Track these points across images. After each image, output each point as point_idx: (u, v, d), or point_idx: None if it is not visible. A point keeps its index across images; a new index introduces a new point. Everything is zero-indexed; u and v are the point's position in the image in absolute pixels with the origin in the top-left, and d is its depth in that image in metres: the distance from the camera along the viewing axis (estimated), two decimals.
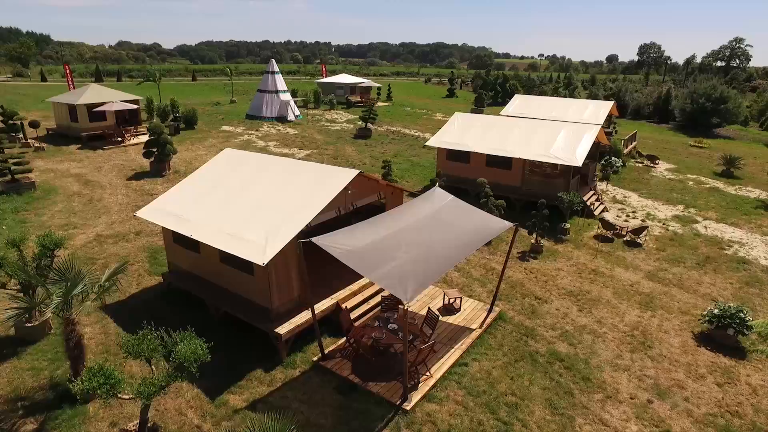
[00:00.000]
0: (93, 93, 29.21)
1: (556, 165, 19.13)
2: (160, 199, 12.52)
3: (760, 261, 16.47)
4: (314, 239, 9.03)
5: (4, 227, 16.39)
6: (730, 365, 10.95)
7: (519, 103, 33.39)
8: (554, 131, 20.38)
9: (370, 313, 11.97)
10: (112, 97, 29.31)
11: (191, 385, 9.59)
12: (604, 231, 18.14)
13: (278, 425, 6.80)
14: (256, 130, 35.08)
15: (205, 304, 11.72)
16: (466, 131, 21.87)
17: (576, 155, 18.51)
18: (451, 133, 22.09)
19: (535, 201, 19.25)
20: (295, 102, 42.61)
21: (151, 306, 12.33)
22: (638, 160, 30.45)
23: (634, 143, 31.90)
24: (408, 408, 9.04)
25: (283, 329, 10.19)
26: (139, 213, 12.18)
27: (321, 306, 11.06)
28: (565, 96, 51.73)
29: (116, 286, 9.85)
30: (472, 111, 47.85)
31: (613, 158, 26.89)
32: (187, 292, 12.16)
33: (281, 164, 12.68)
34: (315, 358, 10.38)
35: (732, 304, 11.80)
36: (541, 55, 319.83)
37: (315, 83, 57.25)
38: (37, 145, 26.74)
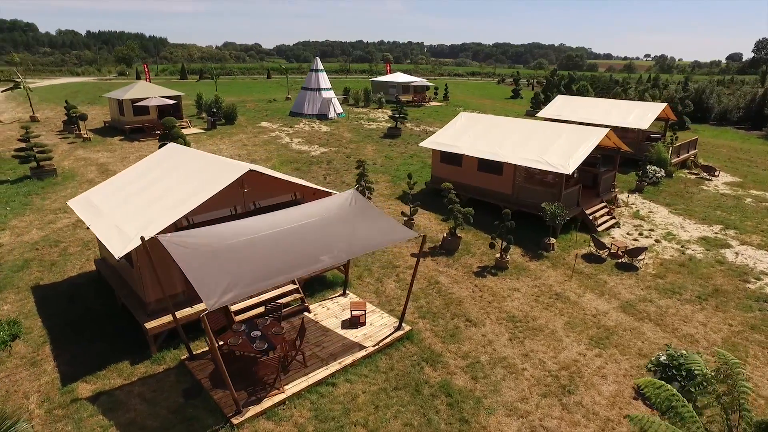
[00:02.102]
0: (139, 89, 31.67)
1: (549, 172, 16.98)
2: (93, 189, 12.96)
3: None
4: (159, 236, 8.66)
5: (8, 208, 18.17)
6: None
7: (559, 104, 30.61)
8: (556, 134, 18.16)
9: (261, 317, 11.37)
10: (155, 94, 31.52)
11: (56, 368, 9.74)
12: (595, 250, 15.77)
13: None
14: (290, 127, 35.80)
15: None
16: (464, 132, 20.28)
17: (569, 162, 16.28)
18: (448, 134, 20.62)
19: (528, 211, 17.45)
20: (344, 100, 42.92)
21: (80, 290, 12.83)
22: (693, 171, 26.32)
23: (691, 151, 27.63)
24: (236, 422, 8.36)
25: (150, 324, 9.99)
26: (69, 202, 12.70)
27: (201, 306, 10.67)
28: (633, 98, 46.54)
29: None
30: (527, 113, 44.89)
31: (652, 167, 23.50)
32: None
33: (201, 160, 12.48)
34: (183, 357, 10.06)
35: (685, 351, 9.49)
36: (647, 55, 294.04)
37: (370, 82, 57.36)
38: (85, 135, 29.57)
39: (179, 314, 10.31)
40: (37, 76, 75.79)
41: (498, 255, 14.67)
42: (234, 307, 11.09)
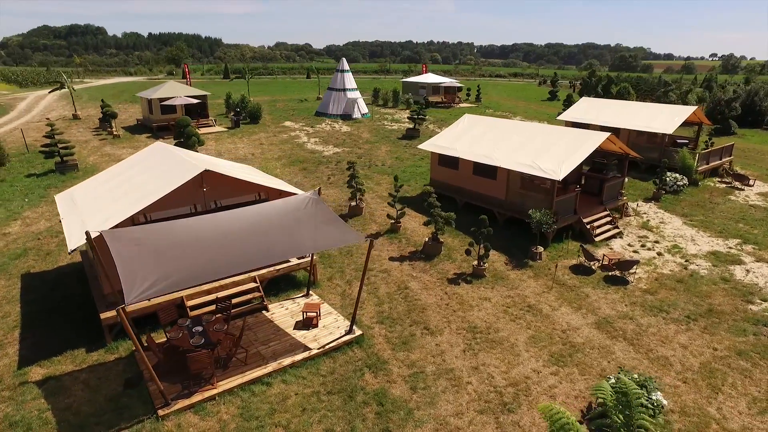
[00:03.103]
0: (167, 89, 33.15)
1: (541, 177, 16.24)
2: (79, 185, 13.66)
3: None
4: (104, 231, 8.99)
5: (26, 199, 19.52)
6: None
7: (583, 106, 29.34)
8: (556, 138, 17.36)
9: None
10: (181, 93, 32.88)
11: (17, 352, 10.34)
12: (585, 261, 14.93)
13: None
14: (311, 127, 36.29)
15: None
16: (464, 135, 19.79)
17: (561, 167, 15.49)
18: (448, 137, 20.19)
19: (521, 218, 16.83)
20: (374, 101, 43.04)
21: (64, 279, 13.57)
22: (725, 179, 24.38)
23: (725, 158, 25.60)
24: (161, 414, 8.56)
25: (105, 314, 10.42)
26: (57, 196, 13.43)
27: (163, 299, 10.99)
28: (676, 101, 43.77)
29: None
30: (558, 116, 43.20)
31: (672, 175, 22.01)
32: None
33: (173, 160, 12.81)
34: (134, 348, 10.41)
35: (637, 376, 8.77)
36: (713, 55, 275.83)
37: (400, 82, 57.18)
38: (115, 132, 31.29)
39: (137, 306, 10.68)
40: (94, 76, 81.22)
41: (475, 262, 14.19)
42: (190, 303, 11.35)
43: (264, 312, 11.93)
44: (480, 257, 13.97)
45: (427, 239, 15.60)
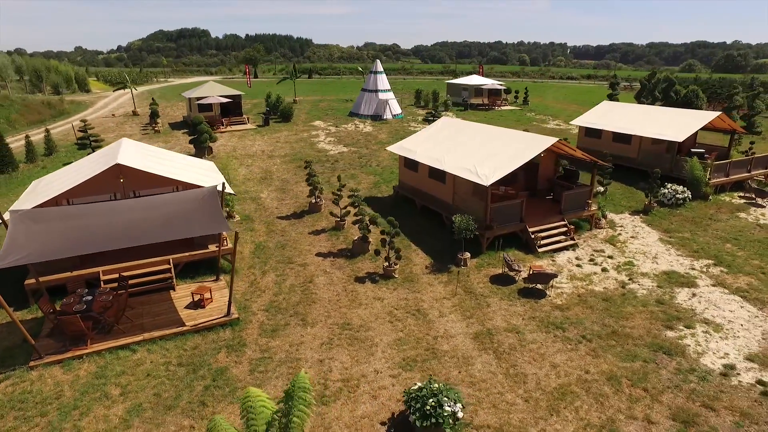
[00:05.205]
0: (205, 89, 36.30)
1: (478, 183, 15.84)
2: (49, 174, 15.97)
3: (703, 360, 10.79)
4: (10, 210, 10.77)
5: None
6: None
7: (600, 111, 27.60)
8: (511, 142, 16.82)
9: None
10: (216, 93, 35.83)
11: None
12: (507, 270, 14.44)
13: None
14: (336, 127, 37.60)
15: None
16: (432, 137, 19.75)
17: (495, 173, 15.06)
18: (416, 139, 20.26)
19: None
20: (416, 102, 43.44)
21: None
22: (745, 194, 21.64)
23: (760, 171, 22.63)
24: (31, 365, 10.21)
25: (28, 281, 12.35)
26: (34, 181, 15.84)
27: (77, 273, 12.70)
28: (742, 105, 38.79)
29: None
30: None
31: (672, 186, 20.12)
32: None
33: (110, 152, 14.48)
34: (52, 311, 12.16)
35: (438, 385, 8.67)
36: None
37: (445, 84, 56.67)
38: (157, 128, 34.94)
39: (53, 277, 12.48)
40: (178, 75, 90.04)
41: (386, 264, 14.36)
42: (105, 277, 12.94)
43: (171, 291, 13.23)
44: (387, 258, 14.14)
45: (355, 238, 16.00)
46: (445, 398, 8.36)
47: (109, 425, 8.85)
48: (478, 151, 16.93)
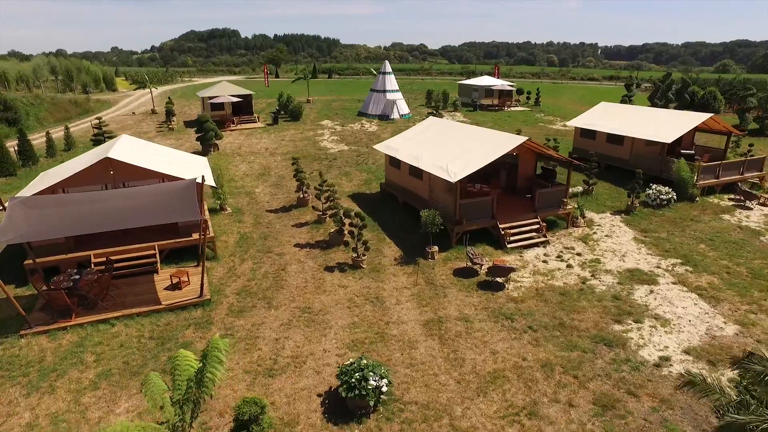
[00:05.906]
0: (218, 89, 37.89)
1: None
2: (56, 167, 17.43)
3: (642, 353, 11.21)
4: (10, 198, 12.09)
5: None
6: None
7: (597, 112, 27.67)
8: (485, 142, 17.39)
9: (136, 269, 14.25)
10: (227, 93, 37.34)
11: None
12: (470, 264, 15.04)
13: None
14: (342, 126, 38.59)
15: None
16: (416, 137, 20.47)
17: (464, 170, 15.67)
18: (401, 138, 21.00)
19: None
20: (427, 102, 44.11)
21: None
22: (735, 196, 21.49)
23: (753, 173, 22.39)
24: (21, 333, 11.50)
25: (27, 261, 13.67)
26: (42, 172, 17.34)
27: (71, 255, 14.00)
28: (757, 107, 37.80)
29: None
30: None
31: (657, 187, 20.25)
32: None
33: (121, 148, 15.76)
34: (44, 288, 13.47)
35: (367, 362, 9.43)
36: None
37: (458, 84, 56.97)
38: (171, 126, 36.69)
39: (49, 258, 13.82)
40: (202, 75, 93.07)
41: (354, 255, 15.18)
42: (96, 260, 14.20)
43: (155, 274, 14.40)
44: (355, 249, 14.95)
45: (331, 231, 16.88)
46: (371, 373, 9.13)
47: (79, 386, 9.98)
48: (453, 150, 17.55)
